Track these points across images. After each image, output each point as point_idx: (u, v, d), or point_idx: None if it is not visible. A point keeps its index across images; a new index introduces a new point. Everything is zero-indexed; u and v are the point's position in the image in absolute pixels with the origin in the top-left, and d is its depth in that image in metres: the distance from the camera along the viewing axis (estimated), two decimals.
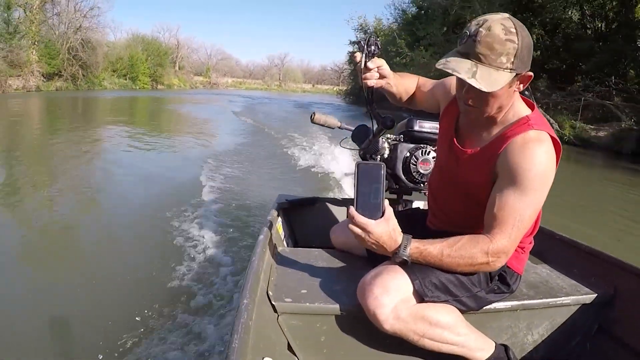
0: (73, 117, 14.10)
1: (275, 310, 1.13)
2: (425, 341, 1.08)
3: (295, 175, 5.60)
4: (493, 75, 1.00)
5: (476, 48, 1.00)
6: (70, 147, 7.33)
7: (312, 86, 74.36)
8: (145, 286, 2.39)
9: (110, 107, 18.12)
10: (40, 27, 25.94)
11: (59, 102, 18.26)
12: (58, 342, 1.99)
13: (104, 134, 9.33)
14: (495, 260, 1.06)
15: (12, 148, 7.22)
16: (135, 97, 24.52)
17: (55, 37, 26.70)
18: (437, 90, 1.38)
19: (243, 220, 3.49)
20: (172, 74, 41.47)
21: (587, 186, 7.61)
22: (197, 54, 57.56)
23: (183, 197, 4.16)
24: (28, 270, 2.74)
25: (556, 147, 1.09)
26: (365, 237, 1.03)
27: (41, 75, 25.14)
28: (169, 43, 44.78)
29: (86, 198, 4.46)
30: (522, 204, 1.05)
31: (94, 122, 12.28)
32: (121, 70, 32.52)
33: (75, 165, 6.03)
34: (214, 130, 11.42)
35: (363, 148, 1.80)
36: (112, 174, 5.62)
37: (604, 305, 1.33)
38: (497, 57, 1.00)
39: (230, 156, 6.84)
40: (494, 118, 1.13)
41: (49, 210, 4.04)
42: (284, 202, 1.96)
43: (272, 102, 27.89)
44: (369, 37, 1.26)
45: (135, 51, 34.05)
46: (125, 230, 3.45)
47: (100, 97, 22.81)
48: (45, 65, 25.13)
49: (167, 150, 7.75)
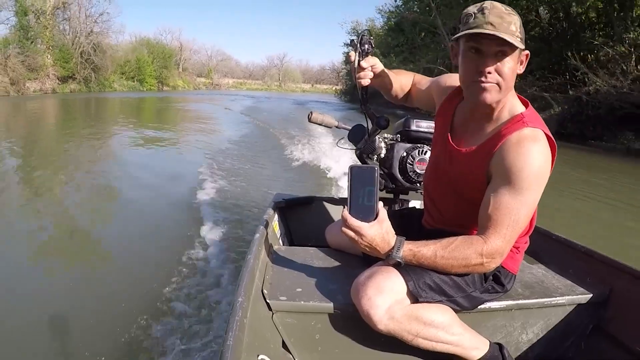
0: (88, 116, 15.32)
1: (270, 309, 1.14)
2: (420, 341, 1.08)
3: (294, 174, 5.68)
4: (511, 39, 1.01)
5: (488, 18, 1.01)
6: (85, 143, 8.15)
7: (311, 86, 75.37)
8: (140, 283, 2.41)
9: (121, 107, 19.57)
10: (54, 32, 27.74)
11: (74, 103, 19.80)
12: (51, 337, 2.02)
13: (116, 131, 10.11)
14: (490, 262, 1.06)
15: (33, 142, 8.20)
16: (144, 98, 26.22)
17: (68, 42, 28.49)
18: (433, 88, 1.38)
19: (240, 219, 3.52)
20: (177, 76, 43.40)
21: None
22: (197, 55, 59.21)
23: (182, 195, 4.30)
24: (38, 260, 2.86)
25: (551, 145, 1.08)
26: (358, 239, 1.03)
27: (56, 78, 26.96)
28: (171, 45, 46.45)
29: (86, 193, 4.61)
30: (517, 204, 1.04)
31: (108, 121, 13.34)
32: (129, 73, 34.39)
33: (89, 160, 6.57)
34: (218, 127, 12.08)
35: (359, 148, 1.80)
36: (121, 169, 5.99)
37: (599, 305, 1.32)
38: (508, 25, 1.01)
39: (231, 153, 7.09)
40: (491, 114, 1.13)
41: (57, 201, 4.29)
42: (281, 201, 1.98)
43: (273, 101, 29.58)
44: (362, 36, 1.25)
45: (141, 54, 35.83)
46: (119, 226, 3.54)
47: (112, 98, 24.57)
48: (60, 68, 27.00)
49: (172, 146, 8.33)
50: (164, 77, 38.84)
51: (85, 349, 1.87)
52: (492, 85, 1.06)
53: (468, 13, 1.05)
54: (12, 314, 2.15)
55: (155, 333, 1.96)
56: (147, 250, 2.98)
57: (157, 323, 2.04)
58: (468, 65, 1.08)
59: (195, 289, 2.38)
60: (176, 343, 1.88)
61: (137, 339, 1.92)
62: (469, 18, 1.04)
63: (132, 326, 2.00)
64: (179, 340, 1.90)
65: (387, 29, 29.28)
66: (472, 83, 1.08)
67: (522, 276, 1.37)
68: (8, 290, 2.42)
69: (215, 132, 10.68)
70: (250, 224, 3.34)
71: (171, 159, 7.21)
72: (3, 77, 22.95)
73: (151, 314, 2.10)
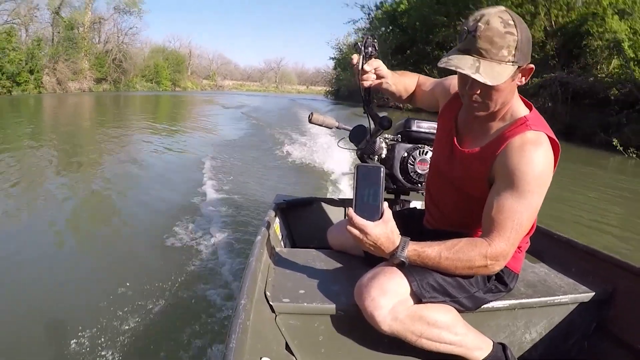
0: (119, 108, 19.30)
1: (273, 311, 1.14)
2: (423, 341, 1.08)
3: (294, 173, 5.72)
4: (496, 69, 1.00)
5: (477, 43, 0.99)
6: (114, 132, 9.67)
7: (307, 87, 78.53)
8: (142, 285, 2.39)
9: (146, 103, 23.69)
10: (91, 42, 33.79)
11: (108, 99, 24.59)
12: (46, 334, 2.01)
13: (141, 123, 11.95)
14: (494, 264, 1.06)
15: (76, 128, 10.83)
16: (161, 96, 32.13)
17: (102, 50, 34.55)
18: (436, 89, 1.39)
19: (241, 221, 3.52)
20: (187, 79, 49.58)
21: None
22: (200, 59, 65.00)
23: (184, 195, 4.30)
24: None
25: (554, 147, 1.08)
26: (363, 238, 1.03)
27: (92, 80, 32.89)
28: (179, 51, 52.50)
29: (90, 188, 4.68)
30: (520, 207, 1.04)
31: (139, 114, 16.30)
32: (148, 76, 40.43)
33: (112, 147, 7.70)
34: (222, 123, 13.23)
35: (360, 148, 1.79)
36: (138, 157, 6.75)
37: (602, 304, 1.32)
38: (498, 51, 0.99)
39: (233, 149, 7.34)
40: (495, 115, 1.13)
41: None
42: (282, 203, 1.98)
43: (271, 99, 35.84)
44: (366, 39, 1.26)
45: (158, 60, 41.92)
46: (120, 226, 3.53)
47: (137, 95, 30.40)
48: (95, 72, 32.94)
49: (182, 136, 9.61)
50: (176, 80, 45.14)
51: (84, 349, 1.85)
52: (482, 104, 1.08)
53: (463, 29, 1.03)
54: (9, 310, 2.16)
55: (156, 336, 1.95)
56: (148, 251, 2.95)
57: (157, 326, 2.03)
58: (459, 79, 1.10)
59: (197, 291, 2.36)
60: (177, 346, 1.88)
61: (138, 340, 1.91)
62: (462, 36, 1.03)
63: (133, 327, 2.00)
64: (181, 344, 1.90)
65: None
66: (463, 96, 1.11)
67: (524, 275, 1.37)
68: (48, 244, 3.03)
69: (224, 126, 12.13)
70: (252, 226, 3.34)
71: (179, 149, 7.83)
72: (51, 77, 28.67)
73: (152, 317, 2.10)
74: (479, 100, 1.08)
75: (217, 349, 1.84)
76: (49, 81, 27.96)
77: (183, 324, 2.04)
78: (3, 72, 22.81)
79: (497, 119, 1.14)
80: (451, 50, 1.06)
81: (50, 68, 28.38)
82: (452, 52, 1.05)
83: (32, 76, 24.99)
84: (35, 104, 18.68)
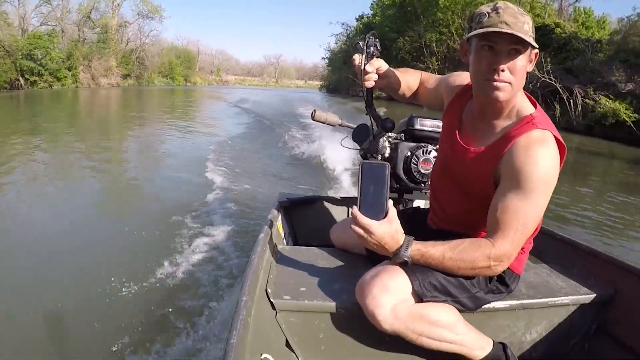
0: (144, 99, 23.59)
1: (274, 308, 1.14)
2: (424, 340, 1.08)
3: (296, 171, 5.78)
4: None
5: (502, 17, 1.00)
6: (140, 116, 12.00)
7: (305, 82, 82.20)
8: (144, 282, 2.41)
9: (170, 96, 27.57)
10: (118, 43, 39.29)
11: (133, 92, 29.20)
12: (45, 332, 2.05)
13: (161, 112, 14.39)
14: (497, 265, 1.06)
15: (103, 117, 13.30)
16: (175, 89, 37.84)
17: (128, 50, 40.14)
18: (441, 86, 1.37)
19: (244, 218, 3.54)
20: (196, 74, 55.18)
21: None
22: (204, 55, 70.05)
23: (188, 192, 4.36)
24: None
25: (560, 147, 1.08)
26: (367, 237, 1.03)
27: (119, 76, 38.40)
28: (187, 48, 57.99)
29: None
30: (526, 208, 1.04)
31: (159, 104, 19.53)
32: (164, 72, 46.05)
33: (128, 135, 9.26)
34: (226, 118, 13.80)
35: (364, 148, 1.78)
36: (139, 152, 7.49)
37: (603, 306, 1.32)
38: (522, 25, 1.01)
39: (237, 145, 7.58)
40: (501, 113, 1.12)
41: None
42: (285, 201, 1.99)
43: (273, 92, 40.17)
44: (368, 39, 1.25)
45: (171, 58, 47.55)
46: (123, 222, 3.52)
47: (157, 89, 35.51)
48: (122, 69, 38.40)
49: (192, 126, 10.85)
50: (187, 75, 50.86)
51: (84, 350, 1.89)
52: (505, 85, 1.05)
53: (481, 12, 1.04)
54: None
55: (158, 331, 1.96)
56: (151, 248, 2.94)
57: (159, 321, 2.05)
58: (481, 62, 1.07)
59: (199, 288, 2.37)
60: (179, 341, 1.89)
61: (140, 337, 1.92)
62: (483, 17, 1.03)
63: (135, 325, 2.01)
64: (182, 339, 1.90)
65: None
66: (484, 81, 1.08)
67: (526, 276, 1.36)
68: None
69: (230, 119, 13.12)
70: (255, 223, 3.34)
71: (186, 142, 8.30)
72: (86, 74, 34.08)
73: (154, 313, 2.11)
74: (504, 79, 1.05)
75: (218, 345, 1.84)
76: (85, 77, 33.29)
77: (184, 320, 2.05)
78: (46, 69, 27.16)
79: (503, 116, 1.13)
80: (473, 32, 1.05)
81: (85, 65, 33.78)
82: (477, 31, 1.04)
83: (70, 72, 29.80)
84: (73, 97, 22.09)
